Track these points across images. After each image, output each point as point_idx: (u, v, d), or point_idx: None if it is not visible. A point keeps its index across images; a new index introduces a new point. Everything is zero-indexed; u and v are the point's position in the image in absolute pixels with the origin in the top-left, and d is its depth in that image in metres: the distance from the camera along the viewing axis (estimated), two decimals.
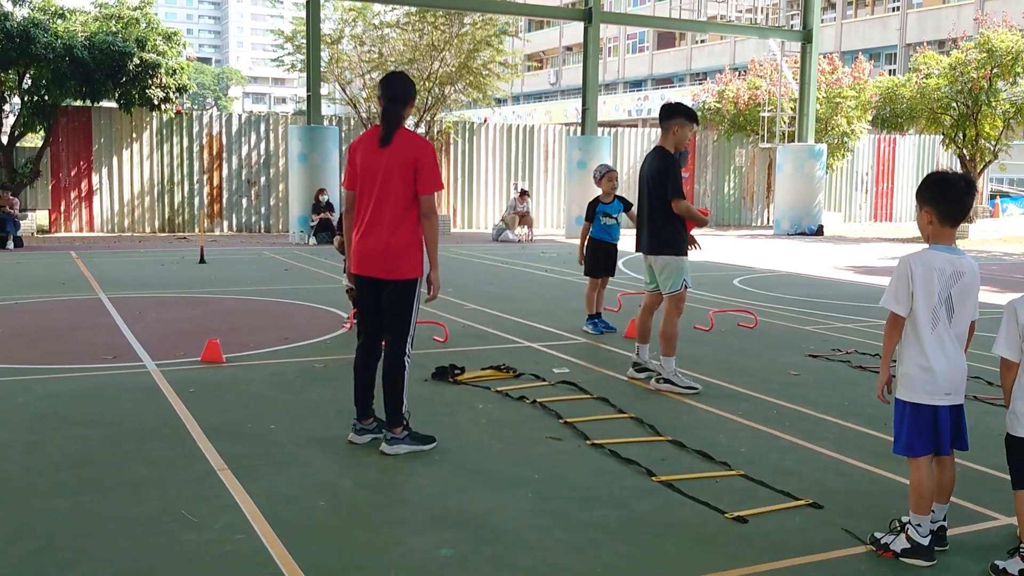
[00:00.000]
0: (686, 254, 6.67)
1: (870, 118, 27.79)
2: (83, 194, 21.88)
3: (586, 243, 9.01)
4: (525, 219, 22.10)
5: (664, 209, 6.55)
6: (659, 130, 6.76)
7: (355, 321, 7.28)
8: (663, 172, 6.48)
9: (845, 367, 7.53)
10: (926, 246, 3.81)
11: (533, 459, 4.97)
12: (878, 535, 3.83)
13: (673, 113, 6.58)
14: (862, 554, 3.79)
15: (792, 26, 28.20)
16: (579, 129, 24.51)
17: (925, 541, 3.68)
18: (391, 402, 5.08)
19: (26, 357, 7.43)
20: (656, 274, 6.73)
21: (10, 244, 17.55)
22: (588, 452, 5.10)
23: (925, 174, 4.09)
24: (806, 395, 6.51)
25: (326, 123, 22.22)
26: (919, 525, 3.70)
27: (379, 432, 5.20)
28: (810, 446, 5.28)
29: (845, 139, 27.77)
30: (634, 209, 9.29)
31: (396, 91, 5.09)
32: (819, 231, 24.91)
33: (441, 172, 25.09)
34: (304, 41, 21.86)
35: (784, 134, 26.65)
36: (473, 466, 4.84)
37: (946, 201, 3.74)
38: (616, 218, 8.97)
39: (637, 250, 6.92)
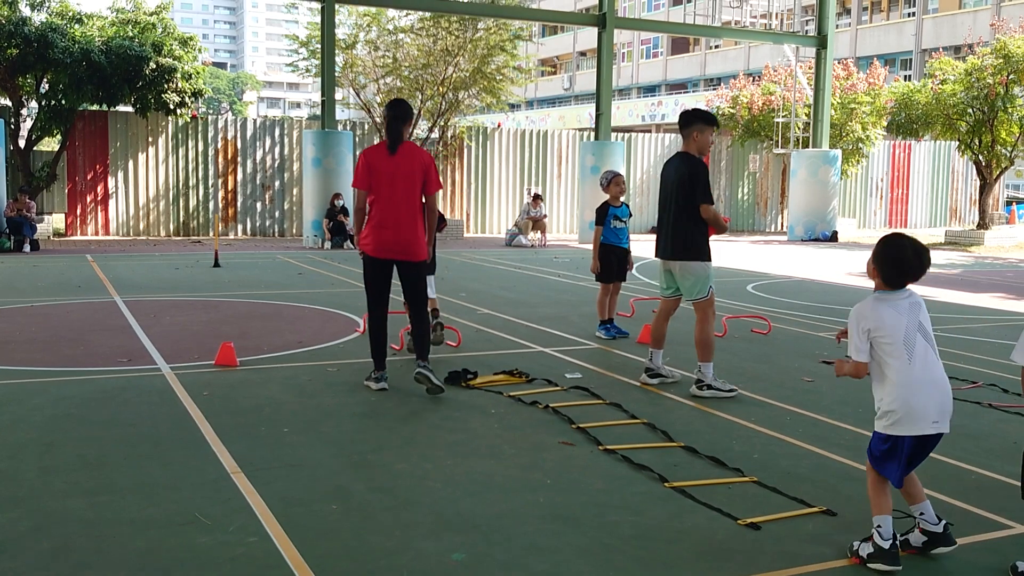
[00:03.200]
0: (711, 259, 6.66)
1: (885, 124, 27.69)
2: (99, 198, 22.01)
3: (599, 251, 9.01)
4: (538, 224, 22.11)
5: (690, 214, 6.53)
6: (673, 135, 6.85)
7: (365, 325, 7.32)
8: (693, 176, 6.49)
9: None
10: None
11: (545, 464, 4.97)
12: (855, 543, 3.81)
13: (691, 119, 6.60)
14: None
15: (807, 32, 28.14)
16: (592, 134, 24.53)
17: (886, 544, 3.65)
18: (427, 346, 6.58)
19: (42, 359, 7.48)
20: (678, 280, 6.71)
21: (27, 247, 17.67)
22: (600, 457, 5.10)
23: (942, 181, 4.08)
24: (820, 401, 6.49)
25: (340, 128, 22.30)
26: (879, 527, 3.69)
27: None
28: (824, 453, 5.26)
29: (860, 145, 27.68)
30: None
31: (399, 112, 6.49)
32: (833, 237, 24.84)
33: (451, 177, 25.16)
34: (319, 46, 21.96)
35: (798, 140, 26.59)
36: (485, 470, 4.85)
37: (890, 265, 3.74)
38: (626, 222, 8.97)
39: (656, 255, 6.88)
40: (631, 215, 9.16)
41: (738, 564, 3.73)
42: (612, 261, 8.95)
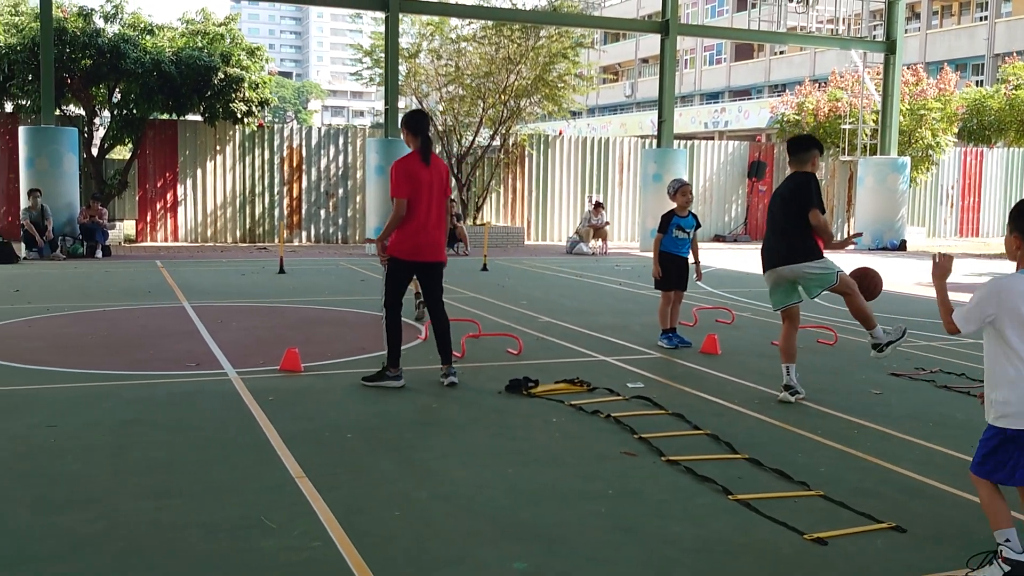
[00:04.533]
0: (823, 255, 6.71)
1: (956, 130, 27.08)
2: (168, 205, 22.49)
3: (659, 260, 8.95)
4: (600, 232, 22.04)
5: (799, 223, 6.62)
6: (737, 142, 6.93)
7: (428, 332, 7.42)
8: (802, 186, 6.65)
9: (929, 387, 7.35)
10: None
11: (607, 474, 4.95)
12: (971, 566, 3.66)
13: (810, 145, 6.89)
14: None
15: (875, 37, 27.64)
16: (655, 142, 24.38)
17: (1023, 556, 3.53)
18: (449, 346, 7.05)
19: (113, 363, 7.66)
20: (802, 281, 6.72)
21: (99, 253, 18.11)
22: (663, 468, 5.06)
23: (1015, 189, 3.97)
24: (888, 415, 6.36)
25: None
26: (1007, 541, 3.55)
27: None
28: (892, 467, 5.15)
29: (930, 152, 27.10)
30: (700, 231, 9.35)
31: (426, 123, 6.97)
32: (902, 246, 24.36)
33: (512, 185, 25.17)
34: (382, 55, 22.18)
35: (866, 147, 26.14)
36: (546, 480, 4.84)
37: None
38: (689, 233, 8.89)
39: (767, 268, 6.83)
40: (698, 226, 9.04)
41: None
42: (671, 270, 8.87)
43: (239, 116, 22.15)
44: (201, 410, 6.16)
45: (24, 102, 21.43)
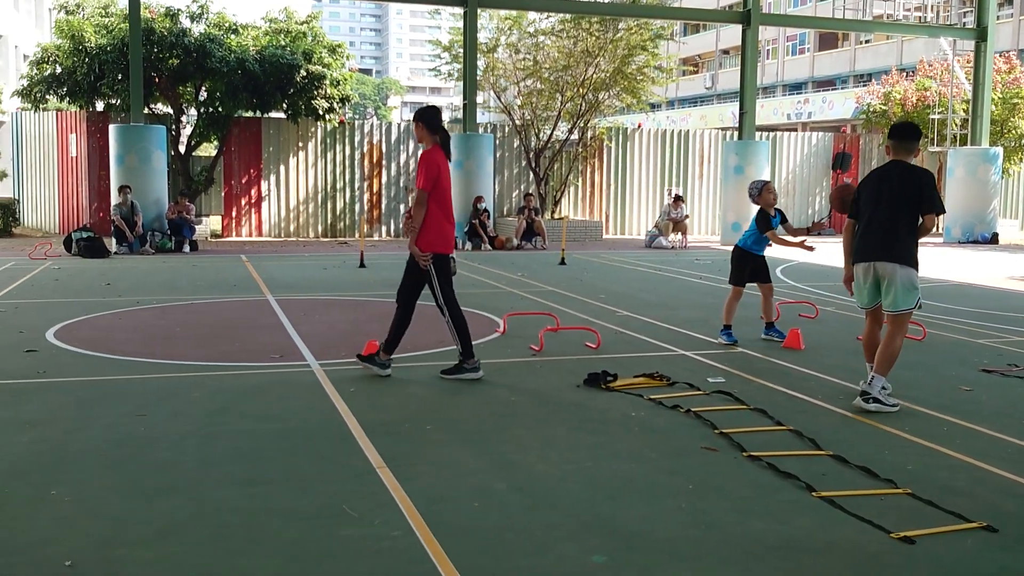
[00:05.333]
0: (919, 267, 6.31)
1: None
2: (253, 200, 22.97)
3: (734, 252, 8.84)
4: (679, 225, 21.82)
5: (912, 222, 6.21)
6: (821, 133, 6.68)
7: (506, 326, 7.42)
8: (931, 187, 6.22)
9: (1022, 383, 7.10)
10: None
11: (687, 469, 4.90)
12: None
13: (919, 134, 6.53)
14: None
15: (965, 24, 26.78)
16: (735, 134, 24.04)
17: None
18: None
19: (200, 355, 7.86)
20: (886, 286, 6.22)
21: (187, 248, 18.60)
22: (744, 464, 4.98)
23: None
24: (979, 411, 6.17)
25: (480, 131, 22.58)
26: None
27: None
28: (983, 465, 4.99)
29: (1023, 142, 26.20)
30: (789, 223, 9.10)
31: (441, 119, 6.98)
32: (993, 239, 23.59)
33: (591, 178, 25.06)
34: (460, 51, 22.30)
35: (956, 137, 25.38)
36: (625, 474, 4.81)
37: None
38: (775, 235, 8.75)
39: (864, 260, 6.33)
40: (784, 220, 8.87)
41: None
42: (746, 266, 8.74)
43: (321, 113, 22.51)
44: (285, 401, 6.28)
45: (114, 101, 22.12)
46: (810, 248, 8.78)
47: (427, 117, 6.94)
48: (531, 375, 7.13)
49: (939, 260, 18.49)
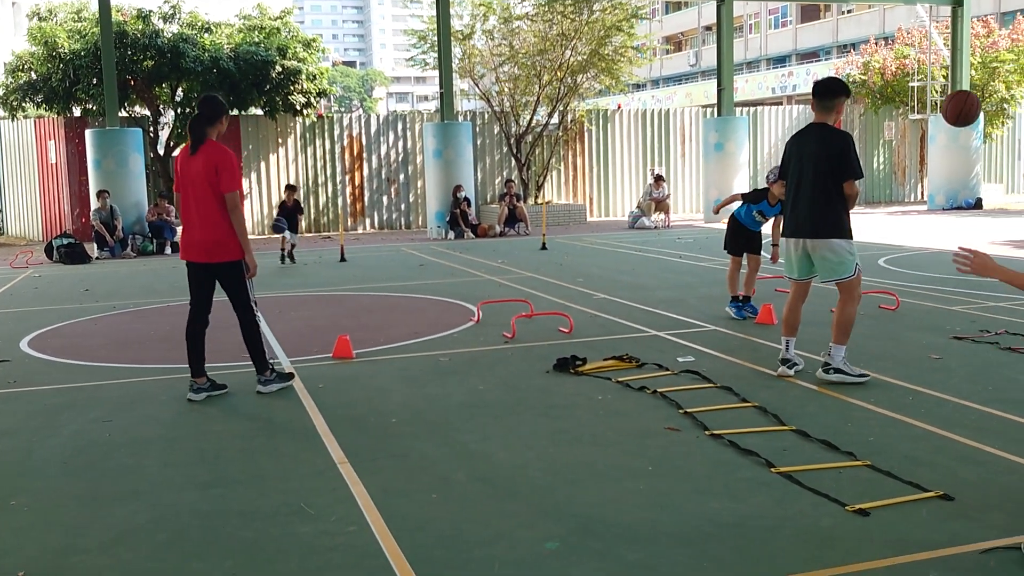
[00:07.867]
0: (852, 236, 6.21)
1: None
2: None
3: (730, 222, 8.93)
4: (661, 205, 21.80)
5: (834, 189, 6.07)
6: (802, 107, 6.57)
7: (480, 314, 7.43)
8: (845, 152, 6.03)
9: (993, 349, 7.11)
10: None
11: (649, 450, 4.90)
12: None
13: (839, 90, 6.20)
14: (993, 549, 3.55)
15: None
16: (715, 111, 24.01)
17: None
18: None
19: (173, 357, 7.82)
20: (817, 260, 6.20)
21: (168, 250, 18.53)
22: (706, 443, 4.99)
23: None
24: (947, 380, 6.18)
25: (460, 119, 22.51)
26: None
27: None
28: (946, 434, 5.00)
29: (1004, 105, 26.21)
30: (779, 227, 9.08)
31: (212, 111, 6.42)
32: (977, 205, 23.61)
33: (573, 162, 24.91)
34: (436, 39, 22.20)
35: (936, 104, 25.36)
36: (587, 458, 4.81)
37: None
38: (767, 219, 8.76)
39: (788, 235, 6.35)
40: (780, 213, 8.84)
41: (842, 552, 3.59)
42: (741, 238, 8.83)
43: (298, 108, 22.42)
44: (254, 400, 6.27)
45: (91, 106, 22.00)
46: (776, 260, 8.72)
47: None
48: (501, 363, 7.12)
49: (921, 228, 18.50)
